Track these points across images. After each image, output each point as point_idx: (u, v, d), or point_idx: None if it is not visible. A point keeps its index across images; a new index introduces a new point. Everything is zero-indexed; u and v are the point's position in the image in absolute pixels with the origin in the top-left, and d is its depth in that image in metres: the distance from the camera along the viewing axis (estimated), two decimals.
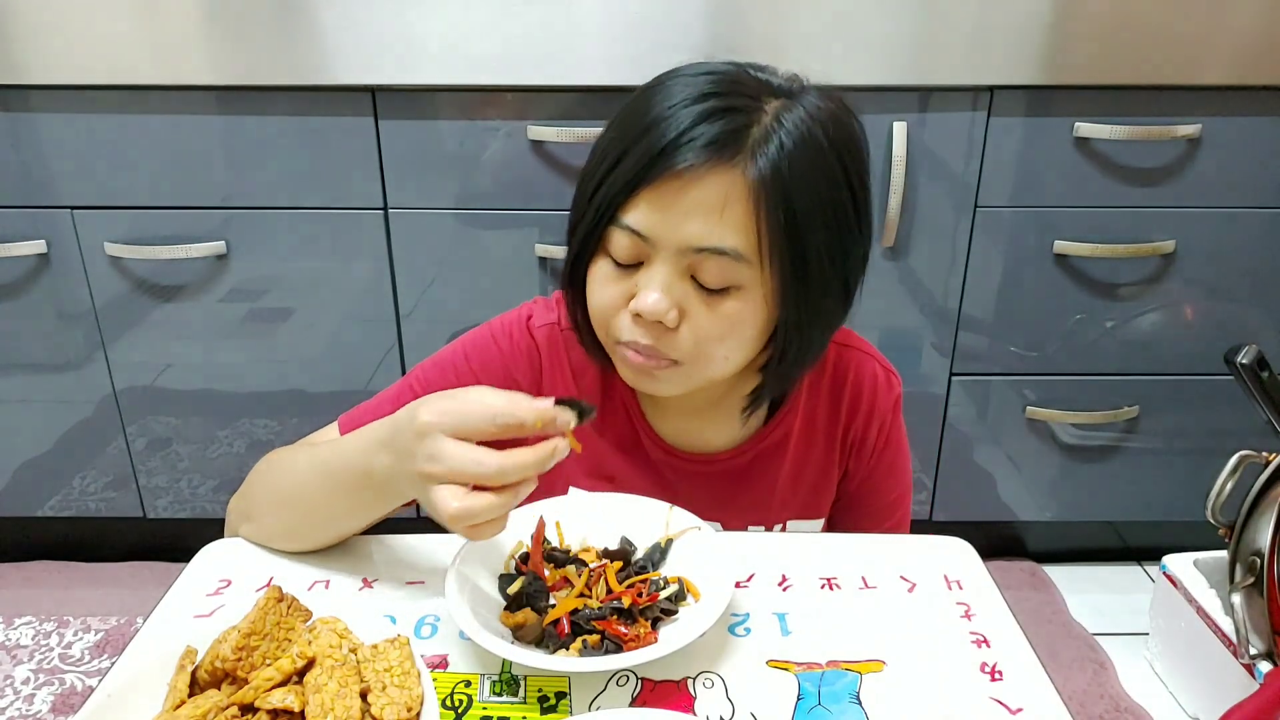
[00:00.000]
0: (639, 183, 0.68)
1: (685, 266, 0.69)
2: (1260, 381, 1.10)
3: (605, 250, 0.72)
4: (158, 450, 1.65)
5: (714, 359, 0.73)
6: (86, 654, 1.54)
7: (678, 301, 0.70)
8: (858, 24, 1.37)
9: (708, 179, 0.66)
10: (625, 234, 0.69)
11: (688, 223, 0.67)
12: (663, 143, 0.66)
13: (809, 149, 0.68)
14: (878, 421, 0.88)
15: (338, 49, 1.38)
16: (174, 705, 0.56)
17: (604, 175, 0.70)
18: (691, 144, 0.66)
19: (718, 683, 0.64)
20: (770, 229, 0.67)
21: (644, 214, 0.68)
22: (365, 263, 1.53)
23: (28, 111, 1.43)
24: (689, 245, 0.68)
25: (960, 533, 0.80)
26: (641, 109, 0.70)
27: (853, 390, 0.87)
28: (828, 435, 0.87)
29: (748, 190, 0.67)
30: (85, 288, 1.53)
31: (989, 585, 0.74)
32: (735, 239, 0.67)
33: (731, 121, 0.67)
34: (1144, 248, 1.51)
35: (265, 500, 0.78)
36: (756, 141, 0.67)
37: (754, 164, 0.66)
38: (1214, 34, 1.39)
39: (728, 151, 0.66)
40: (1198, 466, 1.59)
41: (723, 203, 0.67)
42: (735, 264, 0.68)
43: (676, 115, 0.67)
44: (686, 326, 0.71)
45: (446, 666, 0.65)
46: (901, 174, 1.44)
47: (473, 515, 0.60)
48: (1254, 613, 1.24)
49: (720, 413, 0.84)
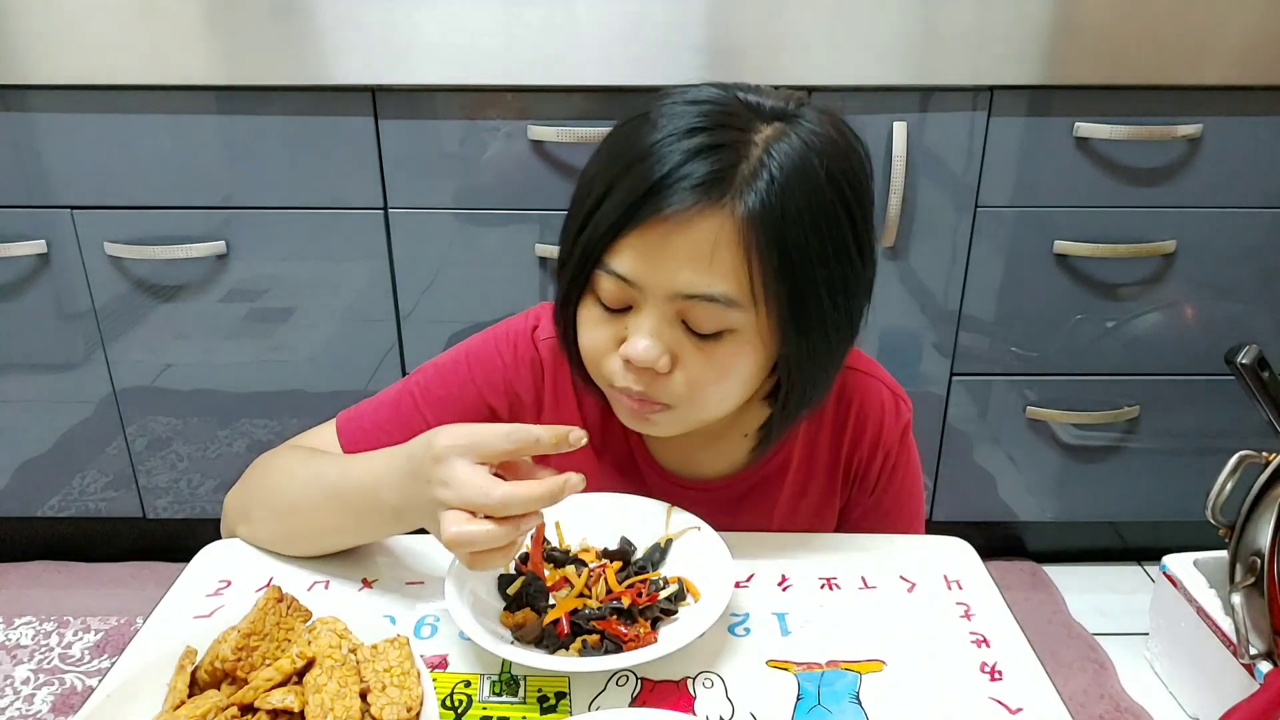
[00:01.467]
0: (624, 225, 0.65)
1: (675, 312, 0.67)
2: (1260, 381, 1.10)
3: (594, 292, 0.70)
4: (158, 450, 1.65)
5: (709, 402, 0.71)
6: (86, 654, 1.54)
7: (669, 347, 0.67)
8: (858, 24, 1.37)
9: (696, 223, 0.63)
10: (612, 279, 0.67)
11: (676, 270, 0.64)
12: (648, 183, 0.63)
13: (803, 181, 0.64)
14: (883, 451, 0.84)
15: (338, 49, 1.38)
16: (174, 705, 0.56)
17: (590, 211, 0.67)
18: (678, 185, 0.63)
19: (717, 683, 0.64)
20: (763, 269, 0.64)
21: (631, 260, 0.65)
22: (365, 263, 1.52)
23: (28, 111, 1.43)
24: (678, 292, 0.65)
25: (960, 533, 0.80)
26: (629, 140, 0.67)
27: (858, 417, 0.83)
28: (829, 463, 0.84)
29: (737, 231, 0.63)
30: (85, 288, 1.53)
31: (989, 585, 0.74)
32: (725, 285, 0.64)
33: (720, 160, 0.63)
34: (1144, 248, 1.51)
35: (265, 506, 0.77)
36: (745, 178, 0.63)
37: (742, 201, 0.63)
38: (1214, 34, 1.39)
39: (715, 192, 0.63)
40: (1198, 466, 1.59)
41: (711, 248, 0.64)
42: (726, 309, 0.65)
43: (663, 152, 0.64)
44: (679, 372, 0.68)
45: (446, 666, 0.65)
46: (901, 174, 1.44)
47: (470, 542, 0.60)
48: (1254, 613, 1.24)
49: (722, 443, 0.82)
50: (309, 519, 0.74)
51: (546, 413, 0.82)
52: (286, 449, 0.81)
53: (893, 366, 1.09)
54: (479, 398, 0.81)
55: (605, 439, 0.83)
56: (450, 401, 0.81)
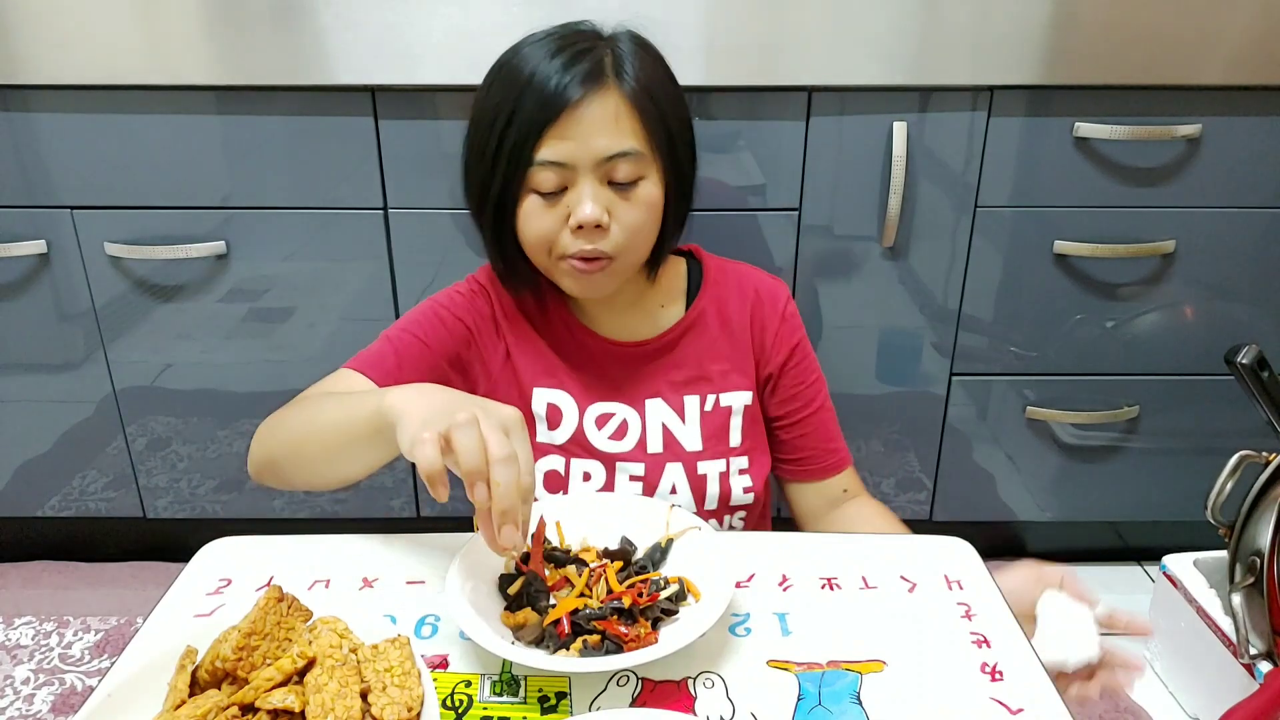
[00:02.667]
0: (544, 123, 0.84)
1: (601, 174, 0.87)
2: (1260, 381, 1.10)
3: (528, 189, 0.88)
4: (158, 450, 1.65)
5: (639, 244, 0.91)
6: (86, 654, 1.54)
7: (606, 205, 0.87)
8: (858, 24, 1.37)
9: (595, 103, 0.85)
10: (546, 168, 0.86)
11: (595, 139, 0.85)
12: (548, 87, 0.84)
13: (647, 62, 0.89)
14: (779, 308, 1.04)
15: (338, 49, 1.38)
16: (174, 705, 0.56)
17: (503, 130, 0.86)
18: (571, 82, 0.84)
19: (718, 683, 0.64)
20: (651, 125, 0.87)
21: (556, 146, 0.85)
22: (365, 263, 1.53)
23: (28, 111, 1.43)
24: (602, 155, 0.85)
25: (960, 533, 0.80)
26: (512, 74, 0.87)
27: (754, 286, 1.05)
28: (739, 320, 1.03)
29: (626, 102, 0.86)
30: (85, 288, 1.53)
31: (989, 585, 0.74)
32: (632, 140, 0.86)
33: (590, 59, 0.86)
34: (1144, 248, 1.51)
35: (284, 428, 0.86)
36: (614, 67, 0.87)
37: (622, 83, 0.86)
38: (1214, 34, 1.39)
39: (599, 79, 0.85)
40: (1198, 466, 1.59)
41: (614, 115, 0.85)
42: (638, 159, 0.87)
43: (546, 68, 0.85)
44: (615, 224, 0.88)
45: (447, 666, 0.65)
46: (901, 174, 1.44)
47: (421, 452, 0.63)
48: (1254, 613, 1.24)
49: (640, 308, 1.02)
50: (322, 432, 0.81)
51: (500, 323, 1.00)
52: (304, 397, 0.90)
53: (893, 366, 1.10)
54: (453, 318, 0.98)
55: (551, 332, 1.01)
56: (435, 320, 0.97)
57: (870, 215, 1.49)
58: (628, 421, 0.99)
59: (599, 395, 1.00)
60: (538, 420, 0.99)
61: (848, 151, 1.45)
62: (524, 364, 1.00)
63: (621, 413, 1.00)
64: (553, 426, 0.99)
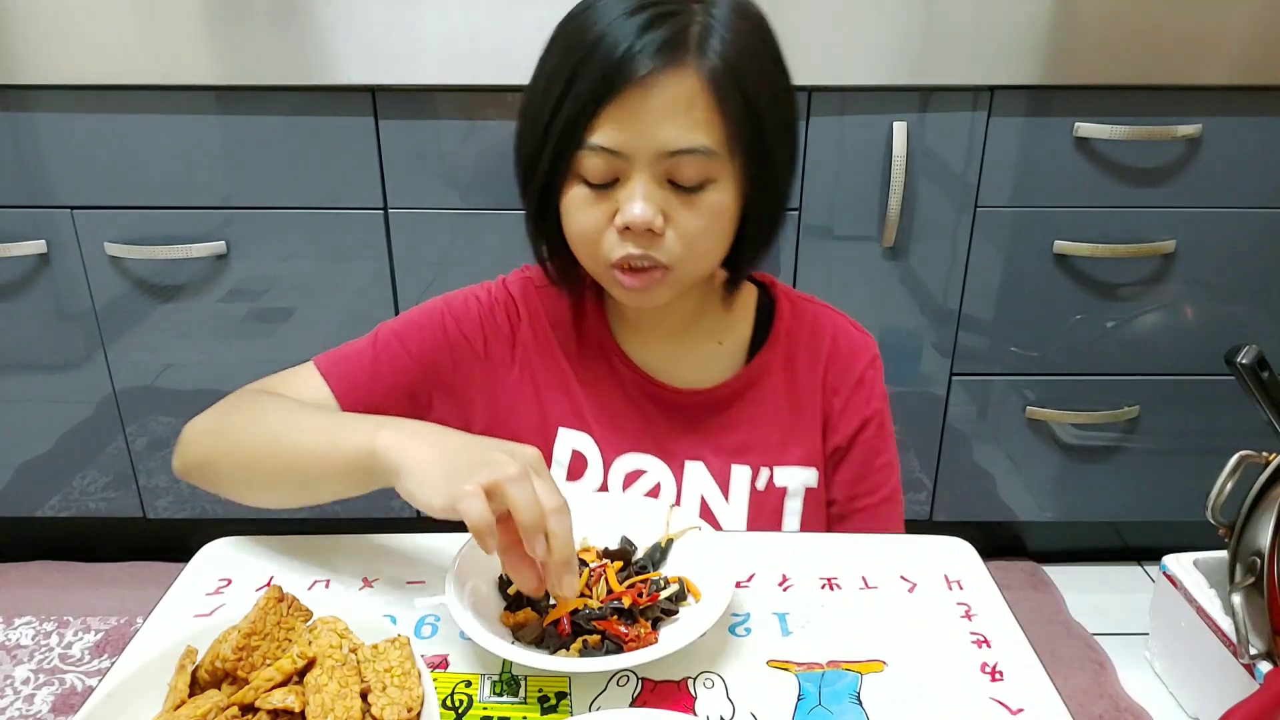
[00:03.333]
0: (601, 100, 0.69)
1: (661, 171, 0.71)
2: (1260, 381, 1.10)
3: (576, 176, 0.73)
4: (158, 450, 1.64)
5: (700, 255, 0.75)
6: (86, 654, 1.54)
7: (661, 207, 0.72)
8: (858, 24, 1.37)
9: (666, 82, 0.68)
10: (597, 154, 0.71)
11: (658, 129, 0.69)
12: (614, 55, 0.68)
13: (744, 36, 0.71)
14: (857, 370, 0.88)
15: (338, 49, 1.38)
16: (174, 705, 0.56)
17: (558, 100, 0.71)
18: (643, 52, 0.68)
19: (718, 683, 0.63)
20: (733, 117, 0.70)
21: (612, 130, 0.70)
22: (365, 263, 1.52)
23: (28, 111, 1.43)
24: (664, 150, 0.70)
25: (960, 533, 0.80)
26: (578, 31, 0.71)
27: (831, 340, 0.88)
28: (808, 380, 0.88)
29: (704, 86, 0.69)
30: (85, 288, 1.53)
31: (989, 585, 0.74)
32: (704, 135, 0.70)
33: (672, 25, 0.68)
34: (1144, 248, 1.51)
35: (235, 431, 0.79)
36: (699, 39, 0.69)
37: (704, 61, 0.69)
38: (1214, 34, 1.39)
39: (678, 53, 0.68)
40: (1198, 466, 1.58)
41: (687, 102, 0.69)
42: (708, 159, 0.71)
43: (617, 29, 0.68)
44: (672, 230, 0.73)
45: (447, 666, 0.65)
46: (901, 174, 1.44)
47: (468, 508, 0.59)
48: (1254, 613, 1.24)
49: (694, 337, 0.86)
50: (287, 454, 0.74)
51: (520, 347, 0.86)
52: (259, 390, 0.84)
53: (893, 366, 1.09)
54: (458, 330, 0.85)
55: (583, 356, 0.86)
56: (431, 331, 0.85)
57: (870, 215, 1.49)
58: (661, 485, 0.85)
59: (631, 444, 0.85)
60: (557, 467, 0.85)
61: (848, 151, 1.45)
62: (552, 399, 0.85)
63: (655, 471, 0.85)
64: (574, 476, 0.85)
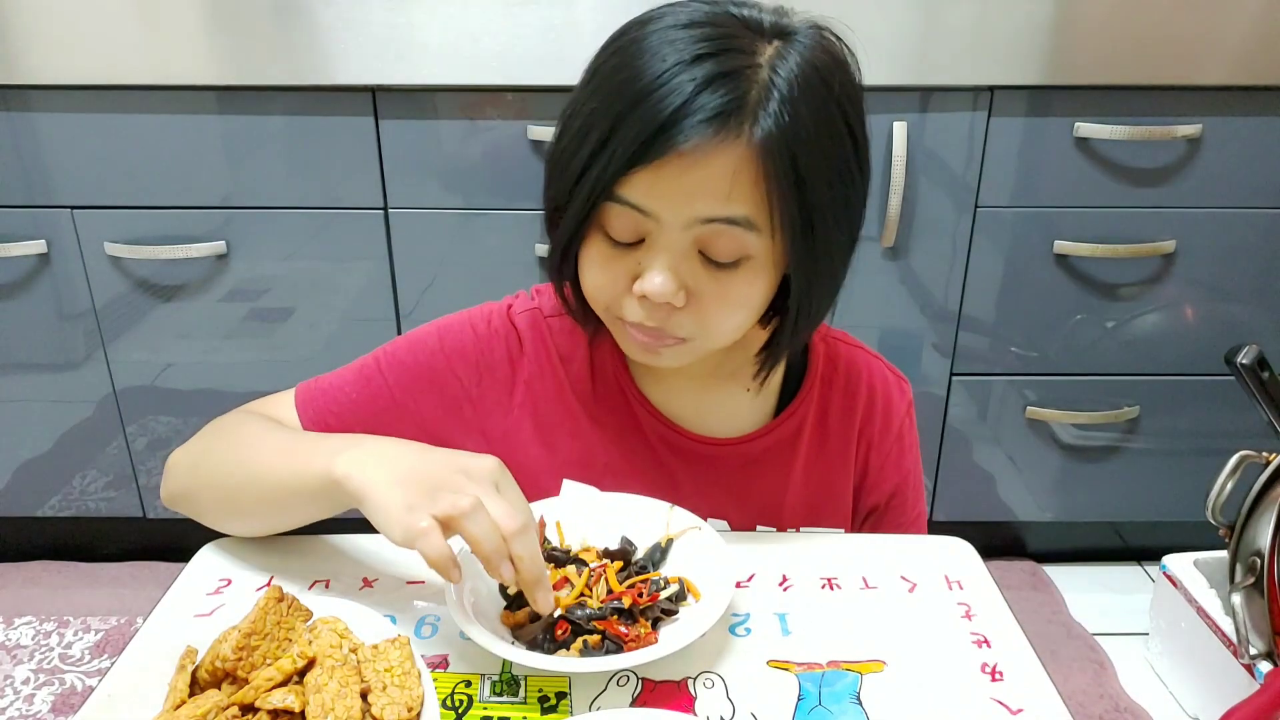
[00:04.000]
0: (639, 161, 0.62)
1: (692, 241, 0.65)
2: (1260, 381, 1.10)
3: (600, 227, 0.67)
4: (158, 450, 1.64)
5: (722, 332, 0.70)
6: (86, 654, 1.54)
7: (685, 282, 0.65)
8: (858, 24, 1.36)
9: (714, 154, 0.61)
10: (625, 210, 0.64)
11: (693, 200, 0.63)
12: (661, 117, 0.60)
13: (810, 101, 0.63)
14: (895, 424, 0.85)
15: (338, 49, 1.38)
16: (174, 705, 0.56)
17: (595, 149, 0.63)
18: (693, 118, 0.60)
19: (718, 683, 0.63)
20: (780, 192, 0.63)
21: (647, 189, 0.63)
22: (365, 263, 1.52)
23: (28, 111, 1.43)
24: (699, 218, 0.63)
25: (960, 533, 0.80)
26: (627, 73, 0.63)
27: (868, 390, 0.83)
28: (842, 434, 0.83)
29: (753, 158, 0.62)
30: (85, 288, 1.53)
31: (989, 585, 0.74)
32: (745, 208, 0.63)
33: (730, 88, 0.61)
34: (1144, 248, 1.51)
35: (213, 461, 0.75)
36: (756, 103, 0.61)
37: (758, 126, 0.61)
38: (1214, 34, 1.39)
39: (731, 122, 0.61)
40: (1198, 466, 1.59)
41: (731, 178, 0.62)
42: (745, 234, 0.64)
43: (671, 84, 0.61)
44: (694, 305, 0.67)
45: (446, 666, 0.65)
46: (901, 174, 1.44)
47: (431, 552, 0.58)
48: (1254, 613, 1.24)
49: (721, 381, 0.80)
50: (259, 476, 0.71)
51: (521, 386, 0.80)
52: (244, 414, 0.80)
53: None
54: (447, 368, 0.79)
55: (597, 396, 0.80)
56: (417, 369, 0.78)
57: (870, 215, 1.49)
58: None
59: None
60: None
61: None
62: (559, 443, 0.80)
63: None
64: None
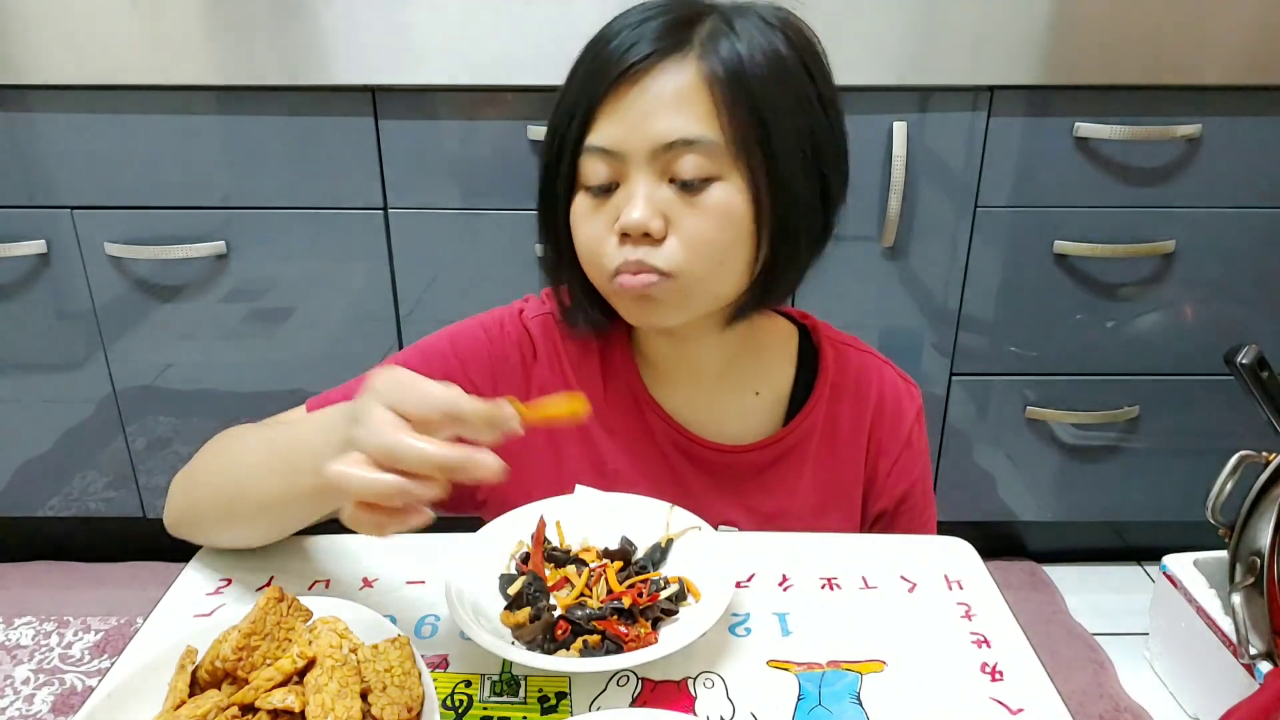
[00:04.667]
0: (595, 98, 0.67)
1: (660, 169, 0.68)
2: (1260, 381, 1.10)
3: (581, 186, 0.71)
4: (158, 450, 1.64)
5: (706, 262, 0.69)
6: (86, 654, 1.54)
7: (661, 209, 0.68)
8: (858, 24, 1.37)
9: (662, 74, 0.66)
10: (595, 156, 0.68)
11: (652, 121, 0.66)
12: (614, 56, 0.67)
13: (758, 28, 0.68)
14: (904, 430, 0.85)
15: (338, 49, 1.38)
16: (174, 705, 0.56)
17: (566, 109, 0.69)
18: (639, 43, 0.66)
19: (718, 683, 0.63)
20: (734, 117, 0.66)
21: (608, 127, 0.67)
22: (365, 263, 1.52)
23: (28, 111, 1.43)
24: (659, 142, 0.66)
25: (960, 533, 0.80)
26: (592, 40, 0.71)
27: (877, 396, 0.84)
28: (852, 440, 0.84)
29: (703, 80, 0.66)
30: (85, 288, 1.53)
31: (989, 585, 0.74)
32: (702, 128, 0.66)
33: (675, 18, 0.67)
34: (1144, 248, 1.51)
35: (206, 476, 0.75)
36: (705, 38, 0.67)
37: (705, 60, 0.66)
38: (1214, 34, 1.39)
39: (678, 44, 0.66)
40: (1198, 466, 1.59)
41: (684, 95, 0.66)
42: (709, 152, 0.67)
43: (624, 34, 0.68)
44: (675, 235, 0.69)
45: (446, 666, 0.65)
46: (901, 174, 1.44)
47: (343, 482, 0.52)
48: (1254, 613, 1.24)
49: (729, 386, 0.82)
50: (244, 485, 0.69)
51: (535, 390, 0.80)
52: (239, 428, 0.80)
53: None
54: (462, 374, 0.79)
55: (611, 408, 0.81)
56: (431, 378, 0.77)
57: (870, 215, 1.49)
58: None
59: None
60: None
61: None
62: (571, 450, 0.80)
63: None
64: None
